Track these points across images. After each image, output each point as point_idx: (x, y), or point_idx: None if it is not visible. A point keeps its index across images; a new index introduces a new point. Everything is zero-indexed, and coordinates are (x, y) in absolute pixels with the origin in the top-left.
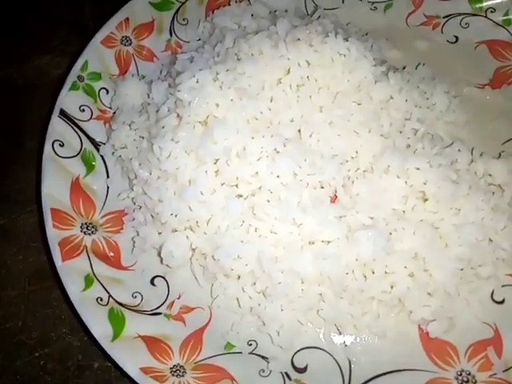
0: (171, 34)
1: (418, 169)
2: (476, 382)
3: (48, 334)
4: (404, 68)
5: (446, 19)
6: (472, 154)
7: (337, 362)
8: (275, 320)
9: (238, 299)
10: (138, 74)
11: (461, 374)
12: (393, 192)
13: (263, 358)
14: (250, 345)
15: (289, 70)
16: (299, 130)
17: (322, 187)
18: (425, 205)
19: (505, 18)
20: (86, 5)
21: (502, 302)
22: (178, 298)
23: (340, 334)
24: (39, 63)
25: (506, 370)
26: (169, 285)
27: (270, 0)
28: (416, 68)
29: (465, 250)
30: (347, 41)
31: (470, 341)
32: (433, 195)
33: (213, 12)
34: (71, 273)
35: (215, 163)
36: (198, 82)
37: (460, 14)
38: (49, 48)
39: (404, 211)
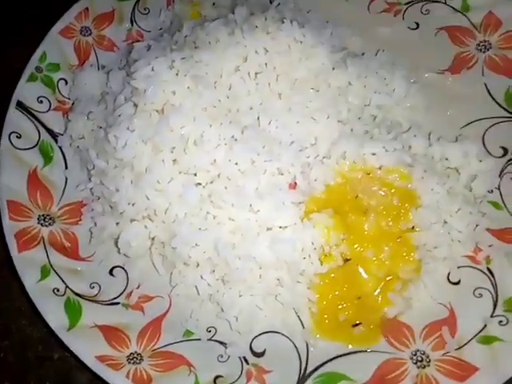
0: (132, 24)
1: (373, 154)
2: (430, 361)
3: (8, 326)
4: (363, 54)
5: (407, 6)
6: (429, 138)
7: (295, 346)
8: (233, 306)
9: (196, 287)
10: (98, 64)
11: (415, 354)
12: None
13: (222, 343)
14: (209, 331)
15: (246, 57)
16: (258, 118)
17: (281, 174)
18: None
19: (463, 4)
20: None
21: (458, 282)
22: (137, 288)
23: (298, 317)
24: (0, 56)
25: (459, 348)
26: (128, 275)
27: None
28: (376, 54)
29: (420, 232)
30: (303, 27)
31: (426, 321)
32: None
33: (173, 1)
34: (27, 263)
35: (172, 151)
36: (153, 69)
37: (421, 1)
38: (12, 41)
39: None
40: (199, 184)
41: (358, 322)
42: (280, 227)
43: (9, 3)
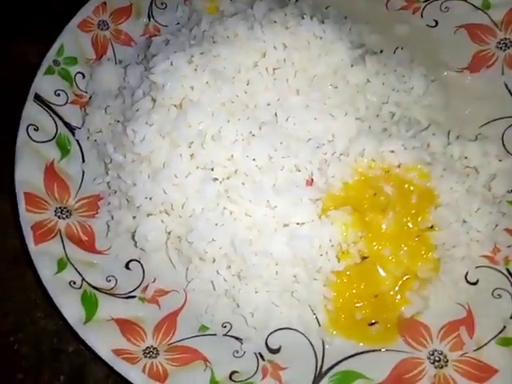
0: (149, 19)
1: (392, 151)
2: (448, 361)
3: (23, 319)
4: (381, 52)
5: (426, 3)
6: (448, 136)
7: (310, 343)
8: (249, 302)
9: (212, 282)
10: (116, 59)
11: (433, 354)
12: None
13: (237, 339)
14: (225, 327)
15: (265, 52)
16: (275, 114)
17: (299, 170)
18: None
19: (484, 1)
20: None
21: (476, 282)
22: (153, 282)
23: (314, 314)
24: (18, 51)
25: (477, 349)
26: (144, 268)
27: None
28: (394, 52)
29: (439, 232)
30: (323, 23)
31: (443, 321)
32: None
33: None
34: (44, 256)
35: (190, 146)
36: (172, 64)
37: None
38: (29, 36)
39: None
40: (216, 179)
41: (374, 321)
42: (297, 224)
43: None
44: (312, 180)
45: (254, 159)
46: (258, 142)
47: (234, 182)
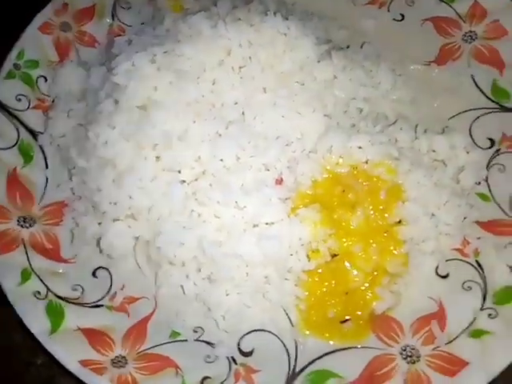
0: (113, 19)
1: (360, 147)
2: (420, 356)
3: None
4: (348, 47)
5: None
6: (416, 130)
7: (283, 344)
8: (221, 305)
9: (182, 286)
10: (79, 60)
11: (405, 349)
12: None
13: (209, 344)
14: (196, 332)
15: (230, 50)
16: (243, 112)
17: (267, 169)
18: None
19: None
20: None
21: (447, 276)
22: (122, 289)
23: (286, 315)
24: None
25: (449, 343)
26: (111, 276)
27: None
28: (361, 47)
29: (407, 226)
30: (287, 20)
31: (415, 316)
32: None
33: None
34: (6, 267)
35: (154, 149)
36: (133, 64)
37: None
38: None
39: None
40: (183, 181)
41: (346, 318)
42: (267, 224)
43: None
44: (281, 179)
45: (221, 159)
46: (226, 142)
47: (201, 183)
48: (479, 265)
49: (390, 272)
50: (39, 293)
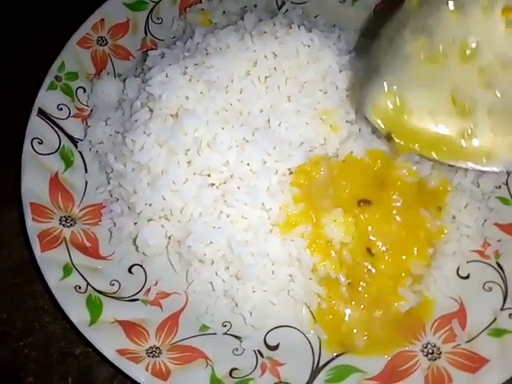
0: (146, 33)
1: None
2: (441, 353)
3: (31, 324)
4: None
5: None
6: None
7: (307, 339)
8: (247, 301)
9: (211, 283)
10: (115, 73)
11: (426, 347)
12: None
13: (237, 337)
14: (225, 326)
15: (256, 62)
16: (268, 120)
17: (292, 173)
18: None
19: None
20: (65, 10)
21: (467, 277)
22: (155, 285)
23: (310, 312)
24: (19, 66)
25: (469, 341)
26: (146, 272)
27: None
28: None
29: None
30: (310, 32)
31: (436, 315)
32: None
33: (185, 10)
34: (50, 263)
35: (186, 154)
36: (167, 76)
37: None
38: (29, 52)
39: None
40: (213, 184)
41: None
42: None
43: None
44: None
45: (248, 164)
46: (252, 148)
47: (229, 186)
48: (500, 266)
49: (414, 273)
50: (80, 287)
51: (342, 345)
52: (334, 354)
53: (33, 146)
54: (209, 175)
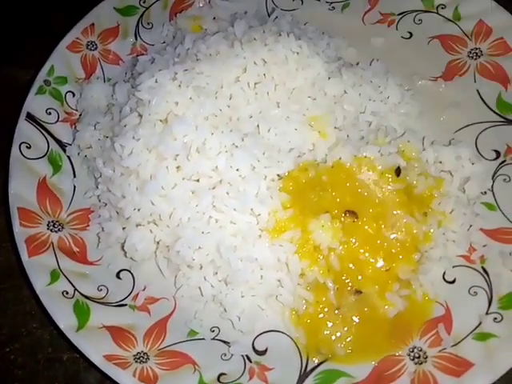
0: (136, 38)
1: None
2: (427, 357)
3: (18, 330)
4: (357, 64)
5: (401, 16)
6: (423, 142)
7: (295, 344)
8: (236, 306)
9: (200, 288)
10: (104, 77)
11: (413, 351)
12: None
13: (225, 342)
14: (213, 331)
15: (245, 68)
16: (257, 126)
17: (281, 179)
18: None
19: (454, 13)
20: (56, 12)
21: (453, 281)
22: (143, 290)
23: (298, 317)
24: (8, 71)
25: (455, 345)
26: (134, 277)
27: (231, 3)
28: (370, 64)
29: None
30: (299, 39)
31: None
32: None
33: (176, 16)
34: (37, 268)
35: (175, 159)
36: (156, 81)
37: (413, 11)
38: (19, 55)
39: None
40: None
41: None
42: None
43: (10, 17)
44: None
45: (237, 169)
46: (241, 153)
47: (218, 191)
48: (485, 271)
49: (402, 278)
50: (67, 292)
51: (318, 352)
52: (316, 361)
53: (21, 151)
54: (198, 180)
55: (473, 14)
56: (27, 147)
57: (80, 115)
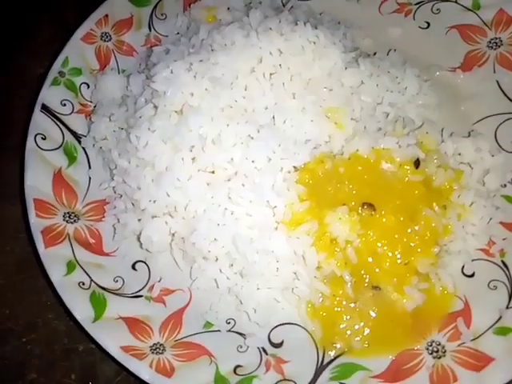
0: (150, 29)
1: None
2: (445, 351)
3: (35, 320)
4: (375, 54)
5: (418, 6)
6: (442, 134)
7: (312, 337)
8: (252, 299)
9: (216, 280)
10: (118, 68)
11: (431, 345)
12: None
13: (241, 334)
14: (229, 323)
15: (261, 58)
16: (273, 117)
17: (298, 171)
18: None
19: (474, 2)
20: (69, 4)
21: (472, 275)
22: (159, 281)
23: (314, 310)
24: (22, 62)
25: (474, 339)
26: (150, 269)
27: None
28: (387, 54)
29: None
30: (316, 29)
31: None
32: None
33: (190, 6)
34: (53, 259)
35: (191, 150)
36: (172, 72)
37: (431, 0)
38: (32, 47)
39: None
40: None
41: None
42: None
43: (21, 8)
44: None
45: (253, 161)
46: (257, 145)
47: (234, 183)
48: (505, 265)
49: (420, 272)
50: (83, 283)
51: (334, 345)
52: (333, 355)
53: (36, 142)
54: (213, 172)
55: (493, 2)
56: (42, 138)
57: (95, 107)
